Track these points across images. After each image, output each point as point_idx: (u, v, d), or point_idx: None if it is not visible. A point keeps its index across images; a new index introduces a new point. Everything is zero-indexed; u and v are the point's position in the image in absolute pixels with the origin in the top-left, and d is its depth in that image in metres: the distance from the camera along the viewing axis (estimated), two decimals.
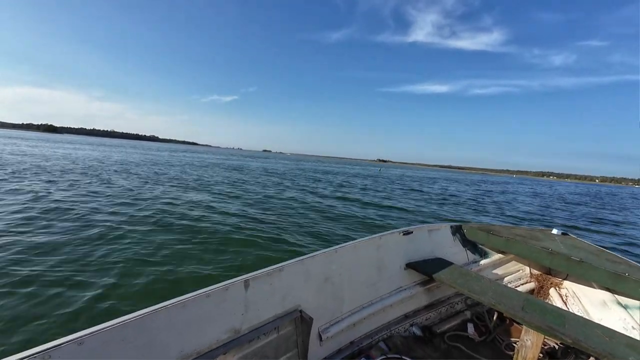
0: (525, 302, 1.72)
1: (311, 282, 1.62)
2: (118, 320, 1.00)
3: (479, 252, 2.63)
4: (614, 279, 1.90)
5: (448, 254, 2.41)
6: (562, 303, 2.32)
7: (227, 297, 1.28)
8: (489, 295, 1.77)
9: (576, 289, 2.33)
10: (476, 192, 20.70)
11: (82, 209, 6.00)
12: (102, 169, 14.01)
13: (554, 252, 2.16)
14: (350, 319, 1.75)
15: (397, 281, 2.07)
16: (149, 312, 1.06)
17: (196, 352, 1.16)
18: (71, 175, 10.98)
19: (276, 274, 1.47)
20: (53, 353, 0.85)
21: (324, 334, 1.62)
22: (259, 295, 1.39)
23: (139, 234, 4.80)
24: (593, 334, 1.48)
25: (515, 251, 2.42)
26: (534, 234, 2.64)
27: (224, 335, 1.25)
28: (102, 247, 4.12)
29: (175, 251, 4.23)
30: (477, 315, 2.21)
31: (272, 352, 1.40)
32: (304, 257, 1.60)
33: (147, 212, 6.30)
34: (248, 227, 5.83)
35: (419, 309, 2.14)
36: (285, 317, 1.45)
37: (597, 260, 2.05)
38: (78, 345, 0.90)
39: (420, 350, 1.85)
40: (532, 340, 1.65)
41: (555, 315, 1.62)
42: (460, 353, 1.87)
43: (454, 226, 2.57)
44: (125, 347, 0.99)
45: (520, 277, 2.59)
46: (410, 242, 2.20)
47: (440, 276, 1.99)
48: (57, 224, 4.94)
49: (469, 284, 1.89)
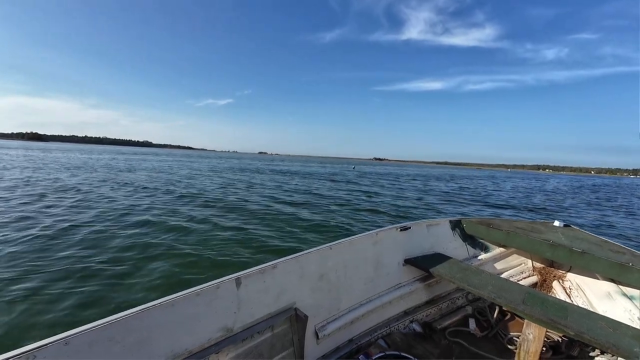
0: (527, 295, 1.69)
1: (306, 280, 1.58)
2: (104, 320, 0.98)
3: (479, 246, 2.60)
4: (618, 270, 1.86)
5: (448, 249, 2.37)
6: (565, 296, 2.28)
7: (219, 295, 1.25)
8: (489, 290, 1.73)
9: (580, 281, 2.30)
10: (418, 188, 18.82)
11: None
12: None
13: (556, 244, 2.12)
14: (347, 317, 1.72)
15: (395, 277, 2.03)
16: (136, 311, 1.04)
17: (187, 351, 1.14)
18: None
19: (269, 272, 1.43)
20: (38, 353, 0.84)
21: (320, 332, 1.59)
22: (252, 294, 1.35)
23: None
24: (597, 325, 1.45)
25: (516, 244, 2.38)
26: (535, 226, 2.60)
27: (216, 334, 1.23)
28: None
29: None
30: (478, 311, 2.18)
31: (267, 351, 1.37)
32: (298, 255, 1.57)
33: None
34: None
35: (418, 305, 2.10)
36: (279, 315, 1.42)
37: (600, 251, 2.01)
38: (64, 345, 0.88)
39: (420, 347, 1.81)
40: (534, 334, 1.62)
41: (557, 308, 1.58)
42: (461, 349, 1.83)
43: (453, 221, 2.53)
44: (112, 347, 0.97)
45: (522, 271, 2.56)
46: (408, 238, 2.16)
47: (440, 271, 1.95)
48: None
49: (469, 278, 1.85)
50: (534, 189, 23.87)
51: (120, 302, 2.93)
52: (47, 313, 2.70)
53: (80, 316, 2.68)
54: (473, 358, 1.76)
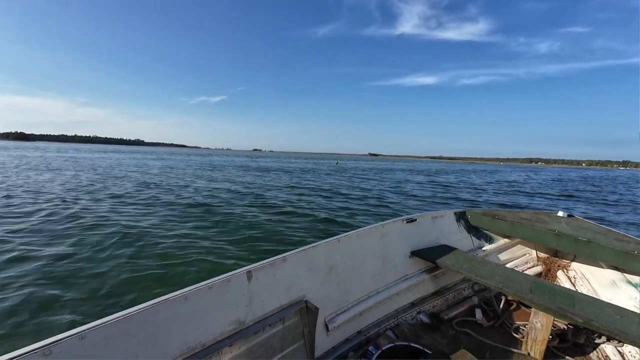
0: (534, 284, 1.70)
1: (315, 272, 1.57)
2: (119, 314, 0.98)
3: (484, 237, 2.61)
4: (623, 258, 1.87)
5: (453, 241, 2.38)
6: (570, 285, 2.31)
7: (230, 288, 1.24)
8: (495, 279, 1.74)
9: (584, 270, 2.32)
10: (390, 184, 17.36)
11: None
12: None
13: (561, 234, 2.14)
14: (356, 308, 1.72)
15: (402, 269, 2.03)
16: (150, 305, 1.03)
17: (201, 344, 1.13)
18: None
19: (279, 265, 1.42)
20: (54, 348, 0.84)
21: (330, 324, 1.59)
22: (263, 287, 1.35)
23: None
24: (604, 313, 1.46)
25: (520, 235, 2.40)
26: (539, 216, 2.62)
27: (229, 327, 1.22)
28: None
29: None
30: (484, 301, 2.20)
31: (279, 344, 1.36)
32: (306, 247, 1.56)
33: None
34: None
35: (425, 297, 2.11)
36: (290, 307, 1.42)
37: (605, 240, 2.03)
38: (79, 339, 0.88)
39: (428, 337, 1.82)
40: (541, 322, 1.63)
41: (565, 296, 1.59)
42: (468, 338, 1.85)
43: (457, 212, 2.54)
44: (127, 340, 0.97)
45: (527, 261, 2.58)
46: (414, 230, 2.17)
47: (446, 263, 1.96)
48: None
49: (475, 269, 1.86)
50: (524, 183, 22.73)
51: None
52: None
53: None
54: (481, 347, 1.78)
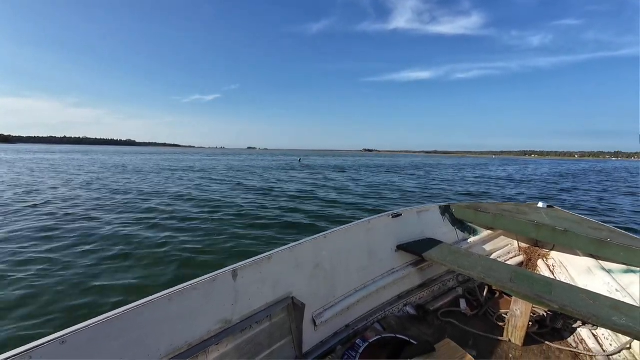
0: (514, 274, 1.77)
1: (302, 269, 1.61)
2: (101, 317, 0.98)
3: (468, 230, 2.68)
4: (597, 245, 1.95)
5: (438, 234, 2.44)
6: (549, 273, 2.38)
7: (216, 288, 1.27)
8: (478, 270, 1.80)
9: (562, 259, 2.40)
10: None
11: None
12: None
13: (540, 224, 2.21)
14: (344, 303, 1.76)
15: (389, 263, 2.08)
16: (132, 307, 1.04)
17: (187, 344, 1.15)
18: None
19: (265, 263, 1.45)
20: (34, 353, 0.83)
21: (317, 319, 1.63)
22: (249, 285, 1.37)
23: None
24: (578, 298, 1.53)
25: (503, 226, 2.47)
26: (520, 208, 2.70)
27: (215, 326, 1.24)
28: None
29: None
30: (468, 291, 2.26)
31: (266, 340, 1.39)
32: (292, 245, 1.59)
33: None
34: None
35: (412, 289, 2.16)
36: (277, 304, 1.44)
37: (580, 229, 2.11)
38: (60, 344, 0.87)
39: (415, 329, 1.87)
40: (521, 310, 1.70)
41: (543, 284, 1.66)
42: (453, 328, 1.91)
43: (442, 206, 2.60)
44: (110, 343, 0.97)
45: (509, 252, 2.65)
46: (399, 225, 2.22)
47: (431, 255, 2.01)
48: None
49: (459, 261, 1.92)
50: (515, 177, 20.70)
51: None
52: None
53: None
54: (464, 336, 1.84)
